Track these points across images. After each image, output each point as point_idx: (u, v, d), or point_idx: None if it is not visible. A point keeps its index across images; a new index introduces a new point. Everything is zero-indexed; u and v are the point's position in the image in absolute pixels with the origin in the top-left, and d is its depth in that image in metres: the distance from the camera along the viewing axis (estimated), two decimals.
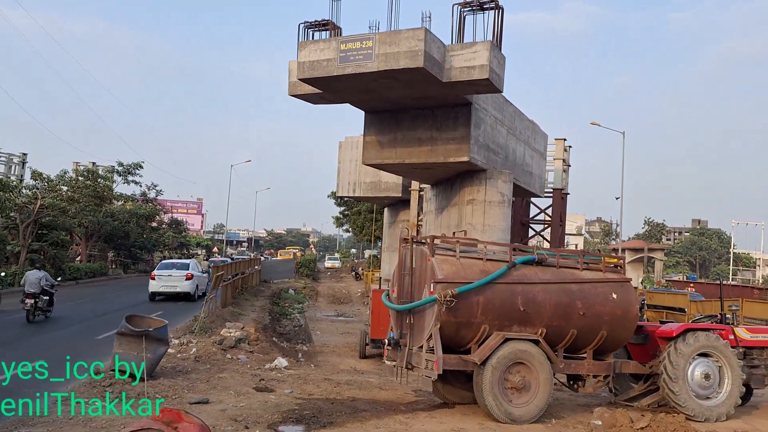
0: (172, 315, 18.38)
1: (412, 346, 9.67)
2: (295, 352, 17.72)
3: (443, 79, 13.84)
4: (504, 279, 9.34)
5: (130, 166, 43.58)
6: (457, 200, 17.87)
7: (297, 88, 16.08)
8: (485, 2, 14.12)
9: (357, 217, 51.72)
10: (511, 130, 19.18)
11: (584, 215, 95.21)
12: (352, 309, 31.55)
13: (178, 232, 59.95)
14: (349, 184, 30.50)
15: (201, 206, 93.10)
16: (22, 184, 34.40)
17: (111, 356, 10.53)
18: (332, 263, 75.42)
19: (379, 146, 17.22)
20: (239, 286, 27.51)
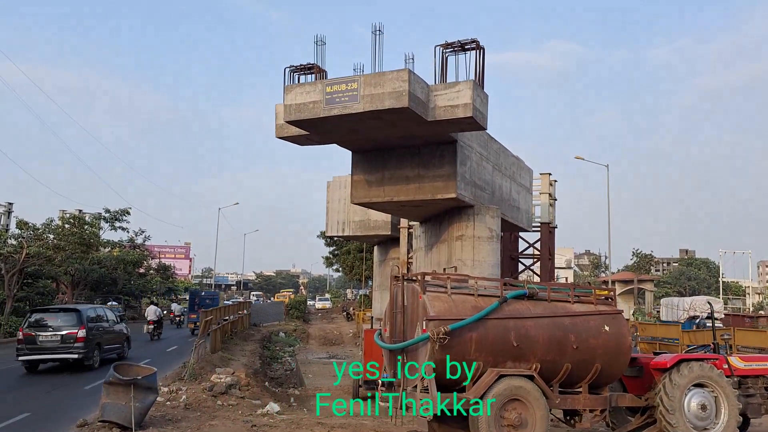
0: (161, 362, 18.05)
1: (406, 386, 9.54)
2: (287, 396, 17.42)
3: (428, 118, 14.04)
4: (496, 314, 9.30)
5: (117, 212, 43.30)
6: (447, 236, 17.92)
7: (284, 130, 16.24)
8: (466, 43, 14.45)
9: (347, 256, 51.57)
10: (497, 166, 19.39)
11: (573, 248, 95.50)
12: (345, 350, 31.18)
13: (165, 278, 59.36)
14: (338, 224, 30.52)
15: (189, 251, 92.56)
16: (7, 234, 34.07)
17: (99, 406, 10.30)
18: (323, 304, 74.76)
19: (367, 185, 17.31)
20: (228, 331, 27.16)
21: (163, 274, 58.48)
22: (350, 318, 49.99)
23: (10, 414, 11.87)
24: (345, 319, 52.13)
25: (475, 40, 14.48)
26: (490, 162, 18.74)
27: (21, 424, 11.34)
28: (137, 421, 10.00)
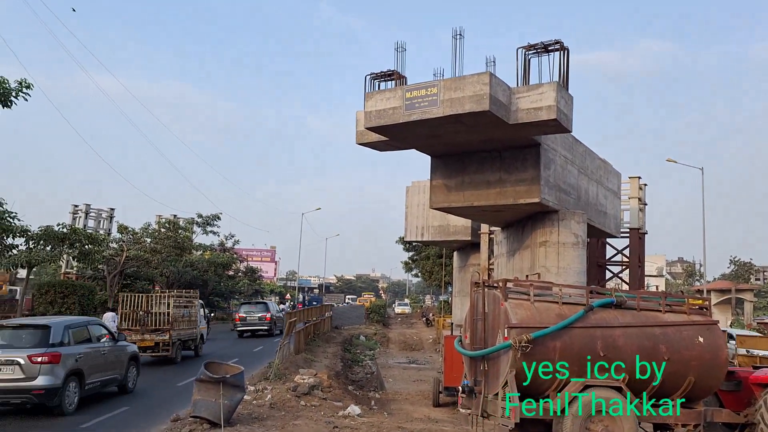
0: (248, 361, 18.72)
1: (487, 393, 9.43)
2: (368, 399, 17.59)
3: (510, 122, 13.84)
4: (582, 323, 9.04)
5: (208, 217, 45.40)
6: (529, 242, 17.55)
7: (364, 136, 16.46)
8: (550, 44, 14.14)
9: (426, 261, 51.49)
10: (583, 170, 18.83)
11: (664, 255, 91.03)
12: (424, 356, 31.14)
13: (252, 280, 61.47)
14: (417, 229, 30.54)
15: (274, 254, 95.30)
16: (109, 238, 36.34)
17: (191, 402, 10.82)
18: (402, 309, 75.04)
19: (447, 190, 17.25)
20: (311, 333, 27.77)
21: (251, 276, 60.59)
22: (430, 324, 49.86)
23: (111, 407, 12.69)
24: (425, 325, 52.06)
25: (559, 41, 14.15)
26: (576, 165, 18.22)
27: (122, 416, 12.08)
28: (226, 418, 10.41)
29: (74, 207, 37.61)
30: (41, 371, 11.63)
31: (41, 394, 11.62)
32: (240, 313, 34.03)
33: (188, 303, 23.04)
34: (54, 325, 12.59)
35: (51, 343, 12.09)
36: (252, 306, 34.86)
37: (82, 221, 36.56)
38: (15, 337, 12.41)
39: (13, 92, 16.24)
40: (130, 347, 15.34)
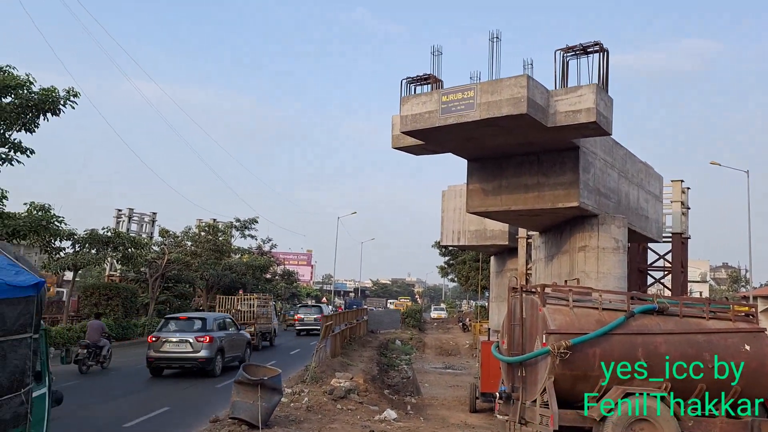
0: (285, 364, 18.89)
1: (525, 400, 9.32)
2: (404, 404, 17.55)
3: (548, 124, 13.68)
4: (622, 329, 8.87)
5: (246, 221, 46.03)
6: (568, 247, 17.30)
7: (400, 140, 16.48)
8: (588, 46, 13.94)
9: (462, 266, 51.21)
10: (623, 173, 18.47)
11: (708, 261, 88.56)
12: (461, 361, 30.92)
13: (289, 283, 62.09)
14: (454, 233, 30.39)
15: (310, 258, 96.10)
16: (151, 241, 37.22)
17: (230, 404, 10.98)
18: (438, 314, 74.69)
19: (483, 194, 17.13)
20: (347, 337, 27.88)
21: (288, 279, 61.22)
22: (466, 329, 49.52)
23: (153, 407, 12.97)
24: (461, 330, 51.72)
25: (598, 43, 13.94)
26: (616, 169, 17.89)
27: (163, 416, 12.34)
28: (264, 420, 10.53)
29: (118, 211, 38.65)
30: (203, 347, 17.76)
31: (203, 361, 17.79)
32: (298, 314, 39.67)
33: (265, 303, 30.03)
34: (208, 318, 19.20)
35: (207, 329, 18.25)
36: (308, 308, 40.76)
37: (126, 225, 37.56)
38: (186, 325, 18.52)
39: (62, 101, 16.82)
40: (246, 335, 21.48)
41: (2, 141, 16.58)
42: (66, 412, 12.43)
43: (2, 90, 16.06)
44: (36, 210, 20.38)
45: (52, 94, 16.58)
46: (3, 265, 5.86)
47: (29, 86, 16.40)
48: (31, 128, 16.95)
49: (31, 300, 5.79)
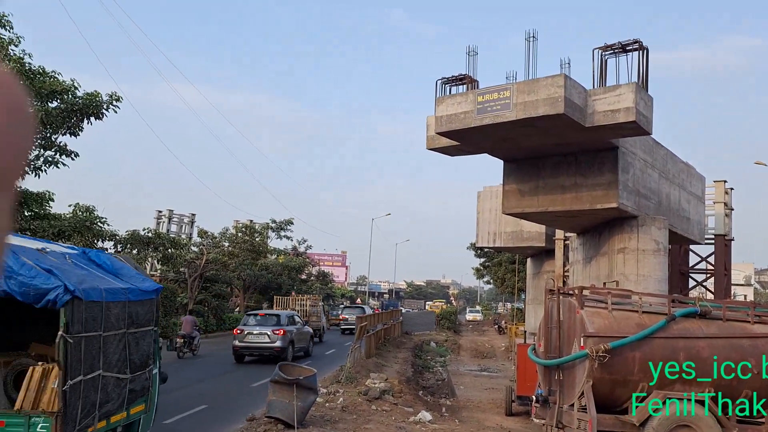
0: (320, 364, 19.01)
1: (563, 403, 9.19)
2: (439, 406, 17.48)
3: (585, 124, 13.47)
4: (663, 333, 8.66)
5: (282, 222, 46.52)
6: (607, 249, 16.99)
7: (435, 141, 16.43)
8: (628, 44, 13.68)
9: (498, 268, 50.74)
10: (664, 174, 18.06)
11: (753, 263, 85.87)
12: (496, 364, 30.63)
13: (324, 284, 62.49)
14: (489, 235, 30.14)
15: (345, 259, 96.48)
16: (190, 242, 37.91)
17: (266, 403, 11.11)
18: (474, 316, 74.09)
19: (520, 195, 16.95)
20: (382, 338, 27.91)
21: (323, 280, 61.63)
22: (502, 331, 49.02)
23: (192, 405, 13.21)
24: (497, 333, 51.24)
25: (638, 41, 13.66)
26: (656, 169, 17.50)
27: (201, 414, 12.56)
28: (299, 419, 10.62)
29: (158, 212, 39.49)
30: (278, 338, 21.44)
31: (278, 350, 21.28)
32: (343, 314, 41.98)
33: (315, 303, 34.64)
34: (282, 314, 23.50)
35: (281, 323, 22.17)
36: (352, 309, 43.62)
37: (166, 226, 38.35)
38: (264, 320, 22.45)
39: (105, 105, 17.27)
40: (310, 330, 25.49)
41: (48, 144, 17.11)
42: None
43: (49, 95, 16.57)
44: (81, 211, 20.95)
45: (95, 98, 17.04)
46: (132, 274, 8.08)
47: (74, 91, 16.88)
48: (75, 132, 17.45)
49: (153, 301, 8.05)
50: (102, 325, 6.72)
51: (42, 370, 6.59)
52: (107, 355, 6.83)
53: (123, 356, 7.19)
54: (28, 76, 16.15)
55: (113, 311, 7.05)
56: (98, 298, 6.70)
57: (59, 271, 6.33)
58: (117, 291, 7.24)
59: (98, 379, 6.59)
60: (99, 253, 8.44)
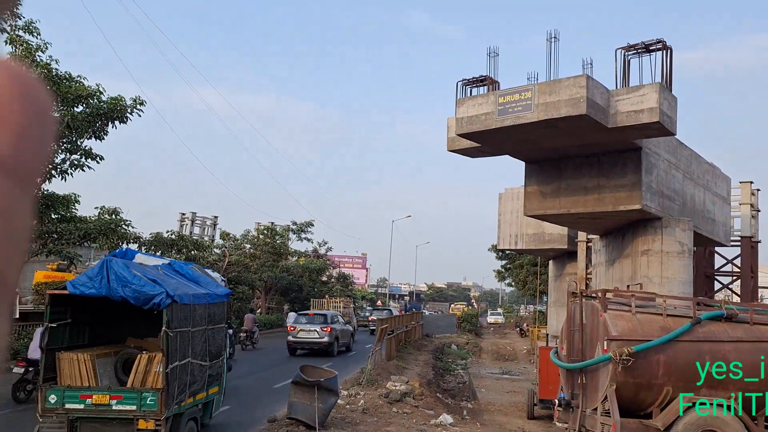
0: (342, 366, 19.06)
1: (586, 407, 9.09)
2: (460, 409, 17.41)
3: (608, 125, 13.33)
4: (688, 336, 8.53)
5: (303, 224, 46.72)
6: (630, 251, 16.79)
7: (455, 143, 16.39)
8: (651, 44, 13.52)
9: (520, 270, 50.40)
10: (688, 175, 17.80)
11: None
12: (518, 367, 30.42)
13: (345, 286, 62.62)
14: (510, 237, 29.96)
15: (365, 261, 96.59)
16: (213, 244, 38.25)
17: (287, 404, 11.16)
18: (495, 318, 73.64)
19: (542, 196, 16.83)
20: (403, 340, 27.88)
21: (343, 282, 61.76)
22: (524, 334, 48.68)
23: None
24: (519, 335, 50.89)
25: (661, 41, 13.50)
26: (680, 170, 17.25)
27: (223, 415, 12.64)
28: (320, 421, 10.65)
29: (181, 215, 39.91)
30: (326, 335, 24.74)
31: (326, 345, 24.71)
32: (371, 317, 43.22)
33: (348, 305, 39.33)
34: (328, 314, 26.73)
35: (328, 322, 25.43)
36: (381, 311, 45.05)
37: (189, 228, 38.72)
38: (313, 319, 25.78)
39: (129, 109, 17.53)
40: (350, 328, 28.66)
41: (74, 148, 17.41)
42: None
43: (75, 99, 16.87)
44: (106, 213, 21.27)
45: (120, 102, 17.30)
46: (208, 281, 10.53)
47: (99, 95, 17.16)
48: (100, 136, 17.73)
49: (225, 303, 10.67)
50: (191, 322, 8.83)
51: (147, 357, 8.54)
52: (194, 346, 8.93)
53: (204, 347, 9.39)
54: (55, 81, 16.46)
55: (198, 312, 9.17)
56: (188, 301, 8.77)
57: (161, 281, 8.41)
58: (200, 295, 9.42)
59: (188, 364, 8.71)
60: (182, 265, 10.50)
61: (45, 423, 8.22)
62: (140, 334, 9.88)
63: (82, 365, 8.54)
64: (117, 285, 8.13)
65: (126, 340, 9.96)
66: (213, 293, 10.04)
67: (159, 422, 8.06)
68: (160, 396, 8.05)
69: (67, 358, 8.52)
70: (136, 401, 8.13)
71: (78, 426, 8.26)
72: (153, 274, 8.64)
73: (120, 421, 8.23)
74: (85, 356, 8.61)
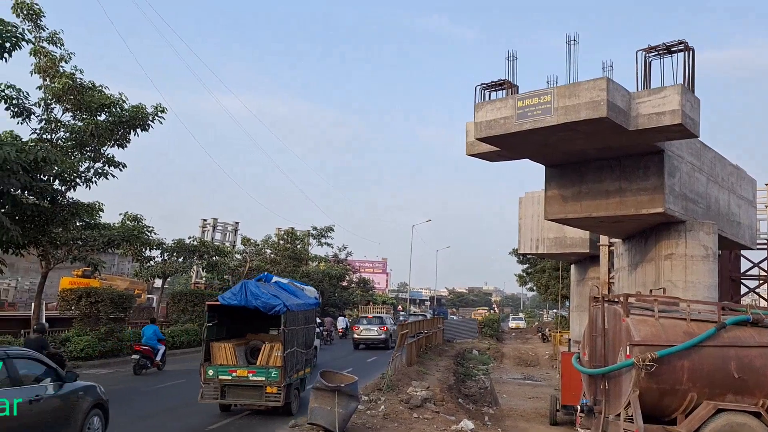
0: (362, 371, 19.04)
1: (608, 413, 8.98)
2: (482, 414, 17.29)
3: (629, 128, 13.20)
4: (713, 341, 8.39)
5: (323, 229, 46.90)
6: (653, 255, 16.57)
7: (474, 147, 16.34)
8: (673, 45, 13.36)
9: (541, 274, 50.02)
10: (712, 177, 17.53)
11: None
12: (540, 372, 30.15)
13: (365, 291, 62.68)
14: (532, 241, 29.75)
15: (385, 266, 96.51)
16: (234, 250, 38.55)
17: (308, 410, 11.18)
18: (517, 323, 73.12)
19: (562, 200, 16.70)
20: (423, 345, 27.79)
21: (363, 287, 61.83)
22: (546, 339, 48.24)
23: (236, 411, 13.40)
24: (541, 340, 50.45)
25: (683, 42, 13.33)
26: (704, 172, 17.00)
27: (244, 420, 12.72)
28: (341, 427, 10.65)
29: (203, 221, 40.32)
30: (383, 333, 32.34)
31: (383, 341, 32.03)
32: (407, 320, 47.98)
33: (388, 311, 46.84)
34: (383, 317, 35.33)
35: (384, 323, 33.33)
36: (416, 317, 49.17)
37: (210, 234, 39.09)
38: (372, 321, 33.70)
39: (150, 117, 17.76)
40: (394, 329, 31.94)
41: (98, 156, 17.69)
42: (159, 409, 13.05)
43: (98, 108, 17.14)
44: (129, 220, 21.56)
45: (141, 111, 17.54)
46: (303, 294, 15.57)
47: (121, 104, 17.42)
48: (123, 144, 17.98)
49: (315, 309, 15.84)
50: (296, 323, 13.21)
51: (270, 346, 12.62)
52: (298, 339, 13.30)
53: (303, 340, 13.79)
54: (79, 90, 16.75)
55: (300, 315, 13.60)
56: (295, 309, 13.17)
57: (278, 295, 12.96)
58: (300, 305, 13.85)
59: (295, 351, 13.05)
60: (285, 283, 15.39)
61: (206, 388, 12.34)
62: (255, 331, 14.24)
63: (228, 351, 12.58)
64: (251, 298, 12.32)
65: (245, 335, 14.06)
66: (307, 303, 14.81)
67: (280, 388, 12.09)
68: (281, 371, 12.13)
69: (217, 346, 12.67)
70: (265, 374, 12.20)
71: (226, 390, 12.35)
72: (273, 291, 13.27)
73: (254, 387, 12.27)
74: (229, 345, 12.72)
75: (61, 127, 17.09)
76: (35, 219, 14.91)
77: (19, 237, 13.13)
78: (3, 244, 13.47)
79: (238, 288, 12.67)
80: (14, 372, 7.46)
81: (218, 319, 13.20)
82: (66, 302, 22.43)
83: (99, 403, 9.09)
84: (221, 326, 13.47)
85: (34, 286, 32.06)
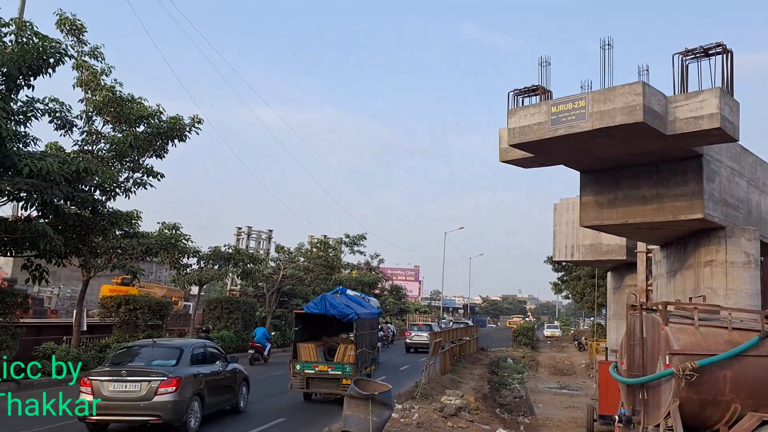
0: (395, 380, 19.00)
1: (647, 424, 8.78)
2: (517, 424, 17.08)
3: (666, 132, 12.96)
4: (757, 351, 8.14)
5: (355, 237, 47.03)
6: (692, 262, 16.19)
7: (508, 153, 16.24)
8: (710, 48, 13.10)
9: (577, 282, 49.26)
10: (753, 182, 17.07)
11: None
12: (576, 381, 29.64)
13: (398, 299, 62.59)
14: (567, 248, 29.35)
15: (418, 273, 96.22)
16: (268, 257, 38.94)
17: (342, 417, 11.20)
18: (552, 332, 72.05)
19: (598, 207, 16.46)
20: (457, 354, 27.61)
21: (396, 295, 61.74)
22: (582, 348, 47.43)
23: (270, 417, 13.53)
24: (576, 349, 49.62)
25: (721, 44, 13.06)
26: (744, 177, 16.57)
27: (279, 427, 12.83)
28: None
29: (238, 229, 40.85)
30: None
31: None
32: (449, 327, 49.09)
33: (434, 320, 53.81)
34: (432, 324, 42.63)
35: (432, 330, 34.70)
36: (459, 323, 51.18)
37: (245, 242, 39.56)
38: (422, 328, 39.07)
39: (187, 127, 18.14)
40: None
41: (137, 166, 18.12)
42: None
43: (137, 120, 17.58)
44: (167, 229, 21.99)
45: (179, 122, 17.92)
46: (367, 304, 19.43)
47: (159, 116, 17.84)
48: (161, 154, 18.40)
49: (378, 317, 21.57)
50: (365, 328, 16.56)
51: (345, 347, 15.94)
52: (365, 341, 16.61)
53: (369, 342, 17.16)
54: (119, 103, 17.22)
55: (366, 322, 17.03)
56: (364, 316, 16.47)
57: (350, 305, 16.37)
58: (366, 313, 17.16)
59: (364, 351, 16.25)
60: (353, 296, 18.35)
61: (294, 380, 15.51)
62: (329, 335, 17.73)
63: (311, 350, 15.75)
64: (329, 308, 15.73)
65: (321, 338, 17.22)
66: (372, 312, 18.47)
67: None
68: (354, 366, 15.22)
69: (303, 346, 15.87)
70: (341, 370, 15.32)
71: (310, 381, 15.47)
72: (345, 302, 16.56)
73: (332, 380, 15.38)
74: (312, 345, 15.90)
75: (101, 138, 17.59)
76: (77, 228, 15.32)
77: (61, 246, 13.50)
78: (46, 253, 13.87)
79: (318, 299, 16.14)
80: (210, 355, 12.94)
81: (302, 324, 16.50)
82: (106, 309, 22.96)
83: (245, 378, 14.35)
84: (304, 330, 16.62)
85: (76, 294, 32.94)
